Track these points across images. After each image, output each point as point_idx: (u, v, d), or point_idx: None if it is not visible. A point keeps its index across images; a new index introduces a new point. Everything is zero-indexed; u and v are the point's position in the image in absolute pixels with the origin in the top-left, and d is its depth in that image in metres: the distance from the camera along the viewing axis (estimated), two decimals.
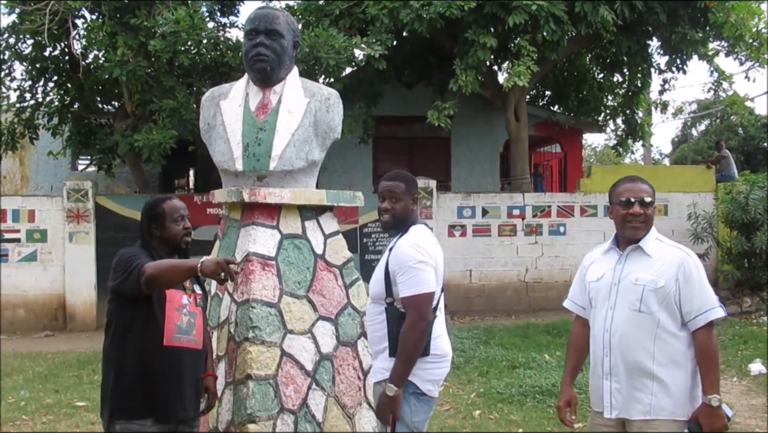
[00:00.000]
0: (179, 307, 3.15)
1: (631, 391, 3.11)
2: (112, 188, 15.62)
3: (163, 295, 3.10)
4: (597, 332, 3.24)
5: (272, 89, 3.79)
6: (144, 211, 3.30)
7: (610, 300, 3.20)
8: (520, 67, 11.33)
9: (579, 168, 17.92)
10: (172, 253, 3.25)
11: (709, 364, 3.06)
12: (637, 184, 3.23)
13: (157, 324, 3.08)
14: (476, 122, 16.44)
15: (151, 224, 3.25)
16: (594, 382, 3.29)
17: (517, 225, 12.90)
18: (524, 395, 6.76)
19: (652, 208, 3.21)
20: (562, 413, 3.38)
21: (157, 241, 3.23)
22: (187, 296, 3.20)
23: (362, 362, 3.82)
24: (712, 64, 14.38)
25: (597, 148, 38.77)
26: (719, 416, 3.02)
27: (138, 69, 10.35)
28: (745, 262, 12.02)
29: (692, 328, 3.08)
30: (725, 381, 7.39)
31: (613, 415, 3.17)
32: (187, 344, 3.14)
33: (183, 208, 3.30)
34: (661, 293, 3.08)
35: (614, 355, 3.15)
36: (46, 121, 12.57)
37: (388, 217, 3.47)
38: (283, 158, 3.65)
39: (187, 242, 3.28)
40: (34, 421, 6.29)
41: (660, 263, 3.14)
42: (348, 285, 3.89)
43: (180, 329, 3.13)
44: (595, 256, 3.44)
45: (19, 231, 11.51)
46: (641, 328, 3.10)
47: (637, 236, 3.20)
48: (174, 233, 3.24)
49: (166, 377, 3.08)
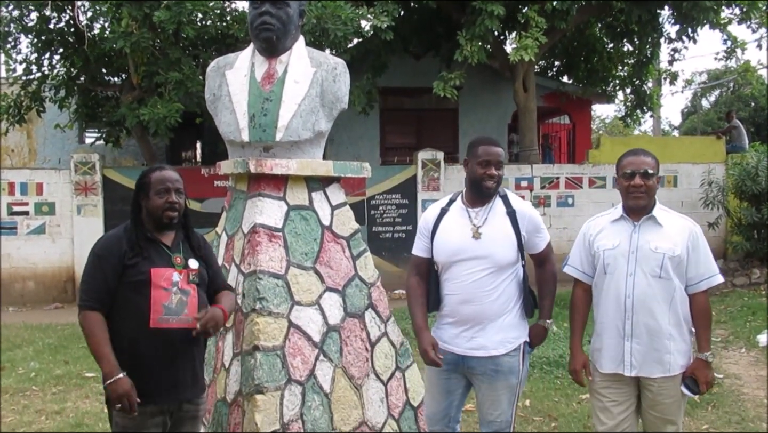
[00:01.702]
0: (168, 286, 3.02)
1: (651, 352, 3.39)
2: (119, 161, 15.62)
3: (146, 275, 2.99)
4: (616, 296, 3.44)
5: (278, 59, 3.73)
6: (136, 181, 3.22)
7: (629, 267, 3.41)
8: (527, 40, 11.17)
9: (588, 139, 17.81)
10: (157, 228, 3.11)
11: (707, 324, 3.45)
12: (640, 157, 3.45)
13: (140, 307, 2.96)
14: (484, 93, 16.31)
15: (139, 193, 3.15)
16: (611, 343, 3.48)
17: (525, 197, 12.83)
18: (531, 366, 6.74)
19: (654, 179, 3.43)
20: (580, 376, 3.62)
21: (144, 212, 3.12)
22: (177, 273, 3.06)
23: (369, 334, 3.81)
24: (725, 32, 14.16)
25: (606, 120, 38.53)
26: (711, 369, 3.44)
27: (142, 41, 10.26)
28: (755, 233, 11.96)
29: (694, 291, 3.42)
30: (733, 352, 7.40)
31: (633, 373, 3.43)
32: (178, 324, 3.00)
33: (172, 181, 3.12)
34: (677, 260, 3.36)
35: (636, 318, 3.39)
36: (52, 94, 12.54)
37: (493, 184, 3.48)
38: (289, 129, 3.61)
39: (170, 216, 3.10)
40: (44, 392, 6.35)
41: (672, 231, 3.42)
42: (355, 256, 3.87)
43: (169, 309, 3.00)
44: (601, 224, 3.61)
45: (28, 204, 11.54)
46: (661, 292, 3.37)
47: (639, 206, 3.43)
48: (155, 206, 3.08)
49: (156, 361, 2.98)
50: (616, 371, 3.47)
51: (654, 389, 3.43)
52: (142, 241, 3.07)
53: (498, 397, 3.51)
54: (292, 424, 3.36)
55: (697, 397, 5.63)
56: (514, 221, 3.48)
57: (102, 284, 2.97)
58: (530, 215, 3.56)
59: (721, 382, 6.26)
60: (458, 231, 3.51)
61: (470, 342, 3.50)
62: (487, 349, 3.47)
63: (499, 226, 3.48)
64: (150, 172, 3.18)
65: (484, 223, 3.48)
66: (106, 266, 2.98)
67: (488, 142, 3.53)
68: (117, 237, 3.07)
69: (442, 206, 3.66)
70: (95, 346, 2.92)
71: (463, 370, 3.57)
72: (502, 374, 3.48)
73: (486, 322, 3.47)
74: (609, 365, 3.50)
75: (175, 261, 3.10)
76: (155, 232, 3.13)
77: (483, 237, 3.45)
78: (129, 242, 3.03)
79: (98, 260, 3.01)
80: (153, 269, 3.01)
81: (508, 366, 3.48)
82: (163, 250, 3.11)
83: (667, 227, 3.43)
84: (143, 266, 3.01)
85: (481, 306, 3.45)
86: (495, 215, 3.50)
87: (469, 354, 3.50)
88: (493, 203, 3.52)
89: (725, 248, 12.76)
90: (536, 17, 11.34)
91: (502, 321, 3.48)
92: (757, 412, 5.53)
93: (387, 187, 12.41)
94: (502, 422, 3.56)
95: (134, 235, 3.06)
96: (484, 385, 3.53)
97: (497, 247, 3.44)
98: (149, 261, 3.04)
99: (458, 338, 3.53)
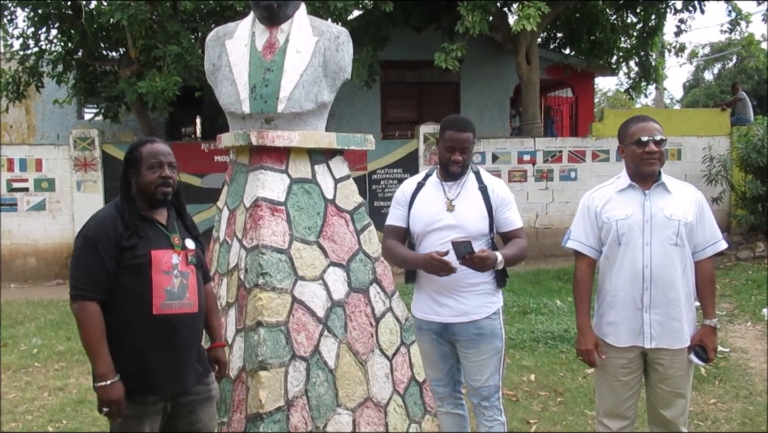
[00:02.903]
0: (168, 269, 2.84)
1: (670, 321, 3.34)
2: (118, 136, 15.50)
3: (146, 258, 2.79)
4: (633, 267, 3.36)
5: (279, 28, 3.63)
6: (125, 155, 2.97)
7: (645, 236, 3.35)
8: (530, 9, 11.03)
9: (591, 112, 17.66)
10: (150, 205, 2.91)
11: (713, 291, 3.45)
12: (649, 123, 3.39)
13: (141, 293, 2.77)
14: (486, 66, 16.15)
15: (128, 168, 2.91)
16: (629, 316, 3.41)
17: (527, 171, 12.77)
18: (536, 340, 6.75)
19: (664, 145, 3.39)
20: (592, 356, 3.51)
21: (135, 188, 2.89)
22: (176, 255, 2.89)
23: (374, 309, 3.75)
24: (730, 3, 13.99)
25: (608, 93, 38.28)
26: (717, 337, 3.45)
27: (140, 13, 10.12)
28: (759, 206, 11.87)
29: (700, 258, 3.39)
30: (739, 326, 7.37)
31: (653, 345, 3.37)
32: (181, 309, 2.85)
33: (164, 154, 2.93)
34: (689, 226, 3.34)
35: (655, 288, 3.33)
36: (50, 69, 12.41)
37: (458, 168, 3.65)
38: (291, 100, 3.52)
39: (164, 192, 2.89)
40: (47, 368, 6.33)
41: (681, 198, 3.38)
42: (359, 231, 3.80)
43: (171, 294, 2.83)
44: (607, 194, 3.52)
45: (27, 180, 11.49)
46: (677, 261, 3.33)
47: (654, 172, 3.38)
48: (148, 181, 2.86)
49: (160, 349, 2.81)
50: (635, 343, 3.40)
51: (665, 362, 3.37)
52: (137, 220, 2.86)
53: (484, 361, 3.61)
54: (296, 400, 3.32)
55: (704, 371, 5.63)
56: (485, 196, 3.65)
57: (99, 269, 2.75)
58: (500, 190, 3.70)
59: (727, 355, 6.23)
60: (433, 203, 3.67)
61: (450, 310, 3.62)
62: (468, 314, 3.61)
63: (471, 199, 3.64)
64: (140, 146, 2.95)
65: (456, 196, 3.64)
66: (101, 250, 2.75)
67: (456, 127, 3.67)
68: (110, 217, 2.83)
69: (418, 180, 3.81)
70: (90, 342, 2.73)
71: (448, 337, 3.68)
72: (485, 337, 3.60)
73: (462, 289, 3.60)
74: (626, 338, 3.42)
75: (173, 241, 2.92)
76: (148, 210, 2.92)
77: (456, 209, 3.61)
78: (124, 222, 2.82)
79: (92, 243, 2.77)
80: (153, 251, 2.82)
81: (490, 329, 3.61)
82: (159, 229, 2.93)
83: (676, 193, 3.39)
84: (142, 247, 2.81)
85: (456, 275, 3.52)
86: (467, 190, 3.67)
87: (451, 321, 3.63)
88: (466, 179, 3.70)
89: (729, 221, 12.69)
90: None
91: (477, 288, 3.61)
92: (765, 386, 5.49)
93: (388, 161, 12.32)
94: (491, 387, 3.64)
95: (128, 213, 2.84)
96: (470, 351, 3.63)
97: (469, 218, 3.59)
98: (148, 242, 2.84)
99: (440, 307, 3.65)
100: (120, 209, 2.86)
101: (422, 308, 3.74)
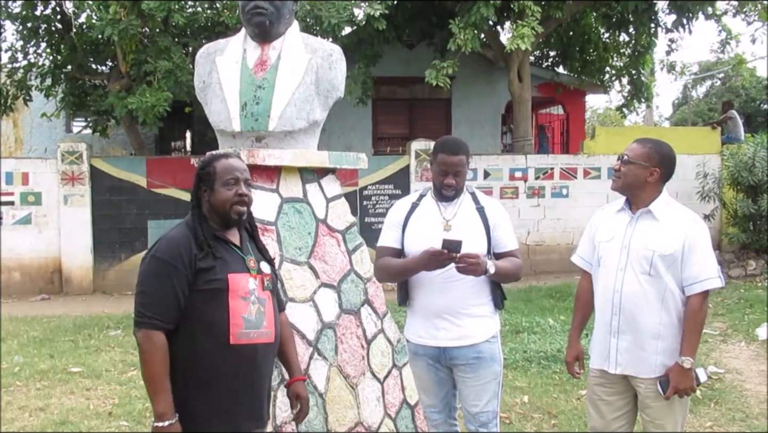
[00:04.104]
0: (246, 294, 2.61)
1: (638, 351, 3.26)
2: (107, 150, 15.42)
3: (223, 282, 2.57)
4: (605, 292, 3.34)
5: (271, 45, 3.57)
6: (196, 171, 2.74)
7: (620, 262, 3.30)
8: (524, 29, 11.04)
9: (582, 130, 17.70)
10: (224, 225, 2.69)
11: (695, 328, 3.22)
12: (630, 144, 3.40)
13: (217, 320, 2.54)
14: (478, 83, 16.18)
15: (201, 185, 2.70)
16: (599, 339, 3.40)
17: (519, 187, 12.73)
18: (529, 360, 6.68)
19: (632, 165, 3.30)
20: (571, 367, 3.57)
21: (207, 207, 2.67)
22: (253, 279, 2.66)
23: (366, 331, 3.68)
24: (720, 23, 14.07)
25: (598, 110, 38.47)
26: (689, 377, 3.19)
27: (130, 28, 10.05)
28: (751, 224, 11.88)
29: (688, 293, 3.22)
30: (733, 346, 7.32)
31: (618, 371, 3.32)
32: (258, 339, 2.61)
33: (240, 170, 2.70)
34: (670, 259, 3.20)
35: (623, 315, 3.27)
36: (38, 82, 12.32)
37: (451, 191, 3.56)
38: (283, 118, 3.46)
39: (239, 211, 2.67)
40: (28, 387, 6.19)
41: (669, 228, 3.25)
42: (351, 251, 3.73)
43: (248, 322, 2.59)
44: (607, 214, 3.51)
45: (13, 194, 11.34)
46: (650, 291, 3.22)
47: (611, 189, 3.44)
48: (223, 199, 2.64)
49: (236, 382, 2.58)
50: (602, 367, 3.39)
51: (642, 391, 3.30)
52: (211, 240, 2.63)
53: (482, 386, 3.52)
54: (285, 426, 3.23)
55: (699, 393, 5.56)
56: (483, 216, 3.57)
57: (171, 296, 2.51)
58: (497, 211, 3.63)
59: (722, 377, 6.17)
60: (429, 224, 3.56)
61: (448, 333, 3.51)
62: (467, 338, 3.51)
63: (468, 219, 3.56)
64: (214, 161, 2.72)
65: (453, 216, 3.56)
66: (175, 274, 2.52)
67: (448, 150, 3.55)
68: (182, 237, 2.60)
69: (413, 201, 3.71)
70: (152, 376, 2.49)
71: (445, 362, 3.57)
72: (485, 361, 3.52)
73: (460, 311, 3.50)
74: (597, 360, 3.42)
75: (249, 264, 2.69)
76: (221, 230, 2.70)
77: (453, 229, 3.51)
78: (197, 242, 2.59)
79: (165, 266, 2.53)
80: (230, 275, 2.59)
81: (490, 352, 3.53)
82: (234, 251, 2.70)
83: (665, 222, 3.25)
84: (219, 271, 2.59)
85: (453, 297, 3.47)
86: (464, 210, 3.59)
87: (450, 345, 3.52)
88: (462, 199, 3.61)
89: (720, 239, 12.68)
90: (531, 6, 11.18)
91: (476, 311, 3.52)
92: (761, 408, 5.42)
93: (379, 177, 12.27)
94: (489, 413, 3.55)
95: (202, 233, 2.61)
96: (468, 375, 3.54)
97: (467, 239, 3.45)
98: (224, 264, 2.61)
99: (437, 330, 3.53)
100: (193, 229, 2.64)
101: (417, 331, 3.62)
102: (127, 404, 5.72)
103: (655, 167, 3.30)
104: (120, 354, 7.27)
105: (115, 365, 6.83)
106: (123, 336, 8.06)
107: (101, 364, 6.85)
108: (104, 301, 10.67)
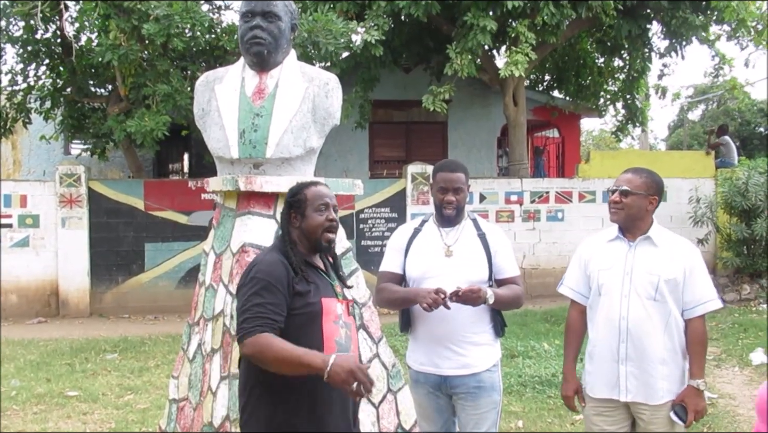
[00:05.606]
0: (336, 319, 2.67)
1: (645, 377, 3.28)
2: (105, 173, 15.46)
3: (317, 306, 2.63)
4: (610, 319, 3.35)
5: (269, 74, 3.65)
6: (286, 198, 2.85)
7: (624, 288, 3.33)
8: (517, 55, 11.16)
9: (577, 153, 17.81)
10: (313, 250, 2.77)
11: (701, 351, 3.32)
12: (623, 174, 3.44)
13: (312, 344, 2.55)
14: (473, 107, 16.29)
15: (291, 211, 2.78)
16: (605, 367, 3.38)
17: (514, 211, 12.79)
18: (523, 385, 6.69)
19: (633, 197, 3.34)
20: (571, 401, 3.56)
21: (297, 233, 2.76)
22: (340, 304, 2.73)
23: (360, 354, 3.71)
24: (713, 48, 14.22)
25: (593, 133, 38.65)
26: (703, 399, 3.28)
27: (130, 53, 10.14)
28: (745, 249, 11.93)
29: (689, 316, 3.29)
30: (726, 371, 7.34)
31: (628, 399, 3.32)
32: None
33: (330, 197, 2.82)
34: (673, 283, 3.26)
35: (631, 341, 3.29)
36: (38, 105, 12.39)
37: (452, 210, 3.56)
38: (280, 145, 3.53)
39: (329, 239, 2.76)
40: (25, 411, 6.18)
41: (669, 253, 3.32)
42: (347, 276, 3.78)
43: (340, 345, 2.63)
44: (598, 244, 3.53)
45: (11, 216, 11.36)
46: (656, 316, 3.27)
47: (612, 221, 3.45)
48: (315, 224, 2.73)
49: (333, 406, 2.63)
50: (610, 396, 3.37)
51: (645, 417, 3.32)
52: (303, 264, 2.70)
53: (482, 415, 3.50)
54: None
55: None
56: (484, 242, 3.57)
57: (272, 312, 2.52)
58: (498, 237, 3.64)
59: (715, 402, 6.19)
60: (431, 249, 3.57)
61: (451, 362, 3.50)
62: (469, 367, 3.49)
63: (469, 245, 3.56)
64: (304, 188, 2.82)
65: (455, 242, 3.56)
66: (276, 291, 2.56)
67: (447, 168, 3.61)
68: (278, 261, 2.65)
69: (415, 226, 3.72)
70: (284, 353, 2.45)
71: (446, 390, 3.55)
72: (485, 390, 3.50)
73: (462, 340, 3.49)
74: (603, 389, 3.40)
75: (336, 289, 2.76)
76: (310, 255, 2.78)
77: (454, 255, 3.52)
78: (292, 266, 2.64)
79: (266, 284, 2.56)
80: (323, 299, 2.66)
81: (490, 381, 3.52)
82: (323, 277, 2.77)
83: (664, 248, 3.33)
84: (314, 295, 2.65)
85: (455, 324, 3.45)
86: (466, 236, 3.58)
87: (452, 373, 3.50)
88: (463, 225, 3.61)
89: (715, 263, 12.73)
90: (526, 32, 11.31)
91: (477, 339, 3.51)
92: None
93: (376, 200, 12.32)
94: None
95: (294, 258, 2.67)
96: (468, 403, 3.52)
97: (468, 265, 3.51)
98: (317, 289, 2.68)
99: (439, 359, 3.51)
100: (285, 253, 2.70)
101: (419, 359, 3.58)
102: (123, 428, 5.72)
103: (653, 195, 3.38)
104: (117, 378, 7.26)
105: (111, 389, 6.83)
106: (120, 360, 8.06)
107: (98, 388, 6.84)
108: (101, 324, 10.66)
